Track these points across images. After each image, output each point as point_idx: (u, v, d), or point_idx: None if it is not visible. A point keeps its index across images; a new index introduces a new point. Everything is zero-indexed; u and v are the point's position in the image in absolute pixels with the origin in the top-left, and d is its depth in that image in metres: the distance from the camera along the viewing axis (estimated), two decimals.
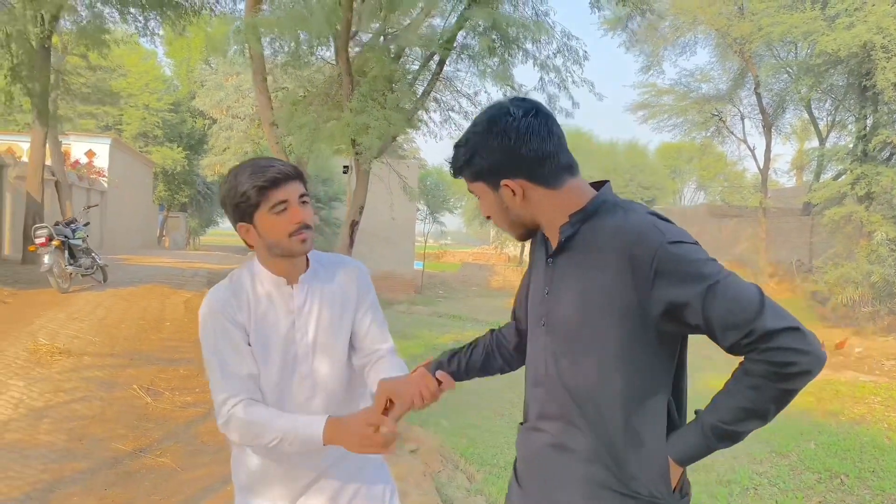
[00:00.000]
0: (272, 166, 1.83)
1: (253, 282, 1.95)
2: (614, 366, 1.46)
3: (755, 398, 1.38)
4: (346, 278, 2.04)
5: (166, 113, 33.37)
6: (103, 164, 24.35)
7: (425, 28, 8.28)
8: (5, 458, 4.58)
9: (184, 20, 13.77)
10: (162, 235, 35.74)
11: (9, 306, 8.75)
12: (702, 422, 1.45)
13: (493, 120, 1.51)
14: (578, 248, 1.51)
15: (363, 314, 2.06)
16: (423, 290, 27.44)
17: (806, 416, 9.79)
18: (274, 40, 9.23)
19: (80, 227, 10.93)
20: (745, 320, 1.34)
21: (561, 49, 8.10)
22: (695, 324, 1.40)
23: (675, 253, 1.39)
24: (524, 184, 1.51)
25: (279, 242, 1.85)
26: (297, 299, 1.95)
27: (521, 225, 1.59)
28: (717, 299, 1.36)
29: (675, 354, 1.51)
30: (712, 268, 1.40)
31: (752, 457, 7.90)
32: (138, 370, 6.74)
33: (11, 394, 5.72)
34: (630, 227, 1.44)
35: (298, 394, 1.96)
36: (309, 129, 7.87)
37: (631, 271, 1.41)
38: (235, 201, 1.83)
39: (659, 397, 1.49)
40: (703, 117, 25.16)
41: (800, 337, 1.34)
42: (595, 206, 1.52)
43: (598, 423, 1.48)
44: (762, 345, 1.34)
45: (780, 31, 18.05)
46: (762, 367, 1.35)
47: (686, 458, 1.47)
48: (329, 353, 1.99)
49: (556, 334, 1.55)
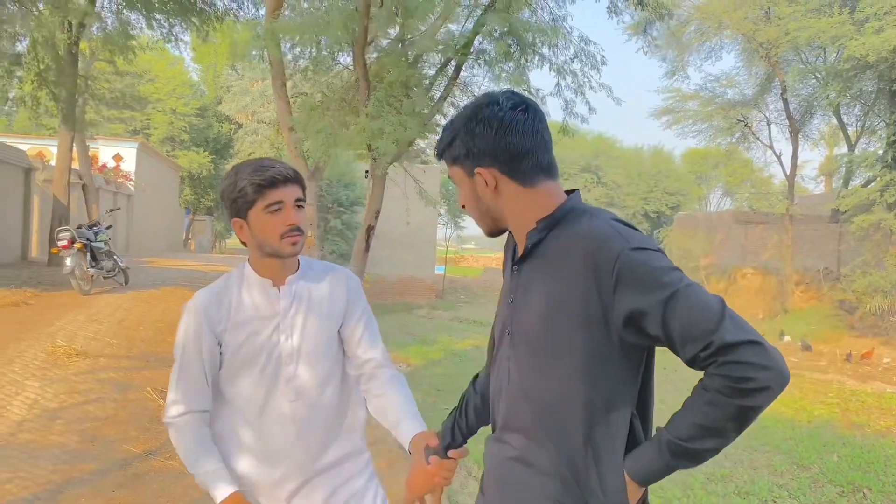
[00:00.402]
0: (273, 167, 1.86)
1: (240, 284, 1.97)
2: (577, 377, 1.42)
3: (711, 415, 1.32)
4: (335, 285, 2.05)
5: (193, 118, 33.85)
6: (130, 167, 24.72)
7: (442, 33, 8.28)
8: (17, 458, 4.64)
9: (207, 26, 13.96)
10: (188, 239, 36.17)
11: (31, 308, 8.89)
12: (659, 438, 1.40)
13: (479, 107, 1.50)
14: (543, 255, 1.48)
15: (354, 322, 2.06)
16: (445, 295, 27.44)
17: (829, 427, 9.60)
18: (294, 46, 9.32)
19: (102, 230, 11.07)
20: (703, 332, 1.29)
21: (578, 54, 8.05)
22: (654, 334, 1.35)
23: (637, 259, 1.35)
24: (497, 175, 1.49)
25: (269, 242, 1.87)
26: (283, 301, 1.95)
27: (490, 218, 1.57)
28: (677, 309, 1.31)
29: (639, 367, 1.47)
30: (674, 276, 1.34)
31: (772, 468, 7.76)
32: (153, 372, 6.79)
33: (27, 394, 5.79)
34: (593, 233, 1.40)
35: (282, 398, 1.96)
36: (325, 133, 7.90)
37: (594, 278, 1.37)
38: (233, 196, 1.87)
39: (622, 411, 1.44)
40: (729, 123, 24.89)
41: (760, 351, 1.28)
42: (563, 212, 1.49)
43: (560, 436, 1.45)
44: (720, 358, 1.28)
45: (808, 35, 17.81)
46: (719, 382, 1.29)
47: (642, 475, 1.41)
48: (314, 358, 1.98)
49: (518, 344, 1.52)
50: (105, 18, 14.17)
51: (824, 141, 31.41)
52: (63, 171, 14.46)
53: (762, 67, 23.24)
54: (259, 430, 1.97)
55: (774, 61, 21.49)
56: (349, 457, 2.07)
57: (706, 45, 23.85)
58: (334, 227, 21.20)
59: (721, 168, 35.35)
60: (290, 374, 1.95)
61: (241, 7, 14.34)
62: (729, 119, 24.83)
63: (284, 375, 1.95)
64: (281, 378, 1.95)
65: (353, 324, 2.06)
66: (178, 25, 14.77)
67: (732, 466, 7.77)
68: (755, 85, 24.47)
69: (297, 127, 8.61)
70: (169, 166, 30.56)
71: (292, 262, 1.97)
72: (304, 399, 1.97)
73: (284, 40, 8.62)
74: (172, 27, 14.82)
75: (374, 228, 8.69)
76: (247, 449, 1.98)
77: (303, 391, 1.97)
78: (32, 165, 15.89)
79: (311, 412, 1.98)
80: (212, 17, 14.02)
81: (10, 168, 14.71)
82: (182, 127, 33.09)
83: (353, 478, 2.06)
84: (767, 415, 9.79)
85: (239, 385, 1.96)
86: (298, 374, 1.96)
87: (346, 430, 2.07)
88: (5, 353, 6.76)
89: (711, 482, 7.23)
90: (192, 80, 37.86)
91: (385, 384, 2.04)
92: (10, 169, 14.65)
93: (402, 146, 8.00)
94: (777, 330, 19.26)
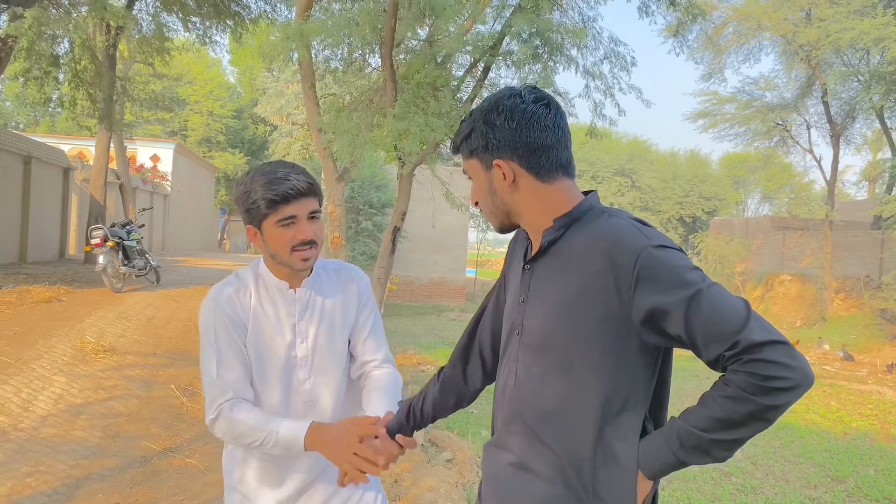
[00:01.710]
0: (287, 180, 1.82)
1: (257, 283, 1.97)
2: (592, 378, 1.39)
3: (730, 409, 1.28)
4: (348, 285, 2.05)
5: (229, 119, 34.37)
6: (167, 168, 25.17)
7: (471, 34, 8.23)
8: (39, 452, 4.70)
9: (241, 28, 14.13)
10: (223, 239, 36.69)
11: (63, 304, 9.06)
12: (670, 428, 1.36)
13: (500, 98, 1.48)
14: (559, 254, 1.45)
15: (362, 323, 2.06)
16: (475, 298, 27.37)
17: (867, 439, 9.32)
18: (324, 47, 9.36)
19: (134, 229, 11.25)
20: (729, 332, 1.26)
21: (608, 55, 7.94)
22: (675, 334, 1.31)
23: (659, 257, 1.32)
24: (516, 168, 1.47)
25: (280, 254, 1.87)
26: (300, 304, 1.96)
27: (504, 214, 1.53)
28: (700, 308, 1.28)
29: (654, 369, 1.43)
30: (697, 275, 1.31)
31: (805, 481, 7.55)
32: (178, 370, 6.85)
33: (53, 389, 5.88)
34: (612, 231, 1.38)
35: (297, 398, 1.96)
36: (352, 134, 7.91)
37: (612, 276, 1.34)
38: (246, 206, 1.86)
39: (635, 413, 1.41)
40: (767, 126, 24.41)
41: (787, 351, 1.25)
42: (581, 211, 1.46)
43: (568, 438, 1.41)
44: (746, 356, 1.25)
45: (850, 37, 17.38)
46: (743, 379, 1.26)
47: (649, 466, 1.37)
48: (329, 360, 1.99)
49: (529, 345, 1.48)
50: (142, 21, 14.43)
51: (867, 145, 30.61)
52: (100, 170, 14.76)
53: (802, 70, 22.73)
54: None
55: (815, 64, 20.99)
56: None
57: (744, 48, 23.41)
58: (365, 228, 21.30)
59: (759, 172, 34.68)
60: (303, 377, 1.96)
61: (275, 9, 14.50)
62: (767, 123, 24.35)
63: (298, 378, 1.95)
64: (294, 381, 1.95)
65: (359, 326, 2.06)
66: (214, 28, 14.99)
67: (763, 478, 7.58)
68: (795, 88, 23.94)
69: (325, 128, 8.64)
70: (205, 167, 31.05)
71: (306, 270, 1.97)
72: (320, 400, 1.98)
73: (314, 42, 8.66)
74: (208, 30, 15.04)
75: (400, 230, 8.67)
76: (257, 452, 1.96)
77: (318, 392, 1.97)
78: (71, 165, 16.25)
79: (326, 413, 1.98)
80: (245, 19, 14.20)
81: (50, 168, 15.07)
82: (218, 128, 33.62)
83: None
84: (801, 425, 9.52)
85: (256, 387, 1.95)
86: (314, 375, 1.97)
87: None
88: (35, 349, 6.88)
89: (741, 493, 7.06)
90: (229, 83, 38.48)
91: (378, 378, 2.02)
92: (49, 168, 15.01)
93: (427, 147, 7.98)
94: (816, 338, 18.82)
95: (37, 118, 33.53)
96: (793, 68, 23.33)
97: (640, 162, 39.30)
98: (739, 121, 25.56)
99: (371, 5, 8.09)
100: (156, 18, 14.43)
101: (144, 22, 14.60)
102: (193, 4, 13.81)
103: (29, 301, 8.91)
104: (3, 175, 12.84)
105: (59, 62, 12.91)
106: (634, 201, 38.20)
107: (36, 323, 7.88)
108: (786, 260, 25.66)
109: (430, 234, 22.40)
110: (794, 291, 24.09)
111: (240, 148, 35.00)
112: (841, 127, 22.95)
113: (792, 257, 25.38)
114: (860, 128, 25.18)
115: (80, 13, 12.28)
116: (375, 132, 7.97)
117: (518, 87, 1.50)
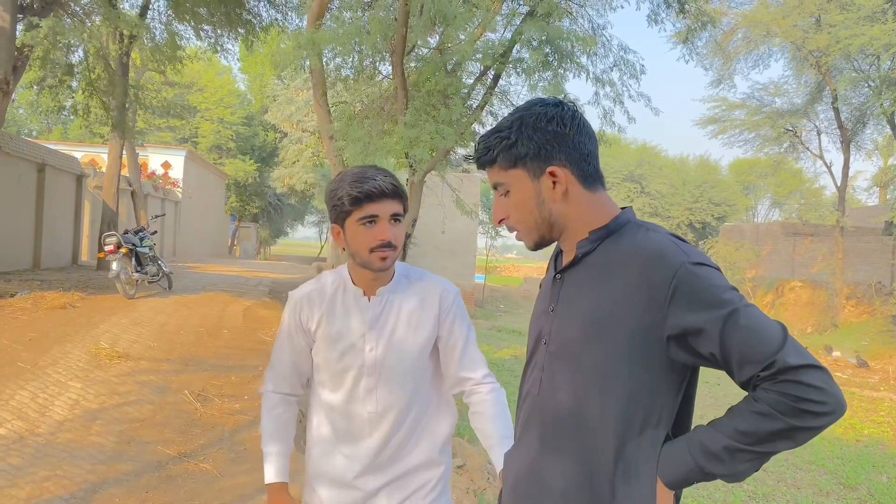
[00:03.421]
0: (373, 179, 1.87)
1: (335, 286, 2.01)
2: (616, 392, 1.37)
3: (759, 425, 1.26)
4: (428, 298, 2.03)
5: (239, 126, 34.57)
6: (178, 175, 25.34)
7: (481, 42, 8.29)
8: (57, 457, 4.76)
9: (252, 36, 14.25)
10: (233, 245, 36.85)
11: (77, 310, 9.14)
12: (692, 436, 1.35)
13: (545, 107, 1.46)
14: (593, 266, 1.44)
15: (449, 339, 2.04)
16: (484, 304, 27.38)
17: (879, 447, 9.28)
18: (335, 55, 9.44)
19: (147, 236, 11.34)
20: (765, 353, 1.24)
21: (618, 63, 7.98)
22: (708, 353, 1.30)
23: (697, 274, 1.31)
24: (569, 176, 1.44)
25: (360, 253, 1.90)
26: (372, 311, 1.97)
27: (548, 226, 1.48)
28: (737, 328, 1.26)
29: (680, 387, 1.41)
30: (734, 295, 1.30)
31: (817, 488, 7.53)
32: (192, 376, 6.90)
33: (69, 395, 5.94)
34: (650, 245, 1.37)
35: (362, 407, 1.98)
36: (363, 142, 7.97)
37: (647, 291, 1.33)
38: (333, 203, 1.91)
39: (658, 431, 1.39)
40: (777, 132, 24.35)
41: (823, 377, 1.24)
42: (618, 224, 1.45)
43: (588, 452, 1.40)
44: (781, 377, 1.24)
45: (860, 43, 17.34)
46: (774, 398, 1.24)
47: (668, 474, 1.35)
48: (399, 371, 1.98)
49: (555, 354, 1.47)
50: (155, 30, 14.59)
51: (878, 151, 30.44)
52: (113, 177, 14.90)
53: (812, 76, 22.69)
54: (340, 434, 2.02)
55: (825, 69, 20.94)
56: (422, 468, 2.06)
57: (753, 54, 23.39)
58: None
59: (769, 178, 34.55)
60: (370, 386, 1.97)
61: (287, 18, 14.63)
62: (777, 128, 24.29)
63: (364, 387, 1.97)
64: (360, 389, 1.97)
65: (449, 345, 2.03)
66: (226, 36, 15.14)
67: (775, 484, 7.56)
68: (804, 94, 23.90)
69: (336, 135, 8.71)
70: (215, 174, 31.23)
71: (386, 273, 1.98)
72: (385, 414, 1.98)
73: (325, 50, 8.74)
74: (219, 38, 15.19)
75: (410, 236, 8.72)
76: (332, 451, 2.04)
77: (383, 406, 1.98)
78: (84, 172, 16.39)
79: (390, 427, 1.99)
80: (256, 27, 14.33)
81: (63, 175, 15.20)
82: (229, 135, 33.82)
83: (421, 489, 2.05)
84: None
85: (325, 389, 2.03)
86: (380, 385, 1.98)
87: (425, 442, 2.06)
88: (50, 354, 6.95)
89: (753, 500, 7.05)
90: (240, 90, 38.72)
91: (482, 402, 2.02)
92: (63, 176, 15.15)
93: (438, 154, 8.03)
94: (826, 344, 18.72)
95: (49, 125, 33.85)
96: (802, 74, 23.29)
97: (649, 168, 39.25)
98: (749, 126, 25.53)
99: (382, 14, 8.17)
100: (168, 27, 14.60)
101: (157, 30, 14.76)
102: (205, 13, 13.95)
103: (44, 307, 9.00)
104: (18, 182, 12.97)
105: (74, 71, 13.06)
106: (644, 207, 38.14)
107: (51, 329, 7.96)
108: (796, 266, 25.55)
109: (439, 240, 22.44)
110: (804, 298, 23.98)
111: (250, 155, 35.18)
112: (851, 132, 22.88)
113: (802, 263, 25.26)
114: (871, 133, 25.12)
115: (94, 22, 12.44)
116: (386, 139, 8.03)
117: (551, 100, 1.49)
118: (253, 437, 5.43)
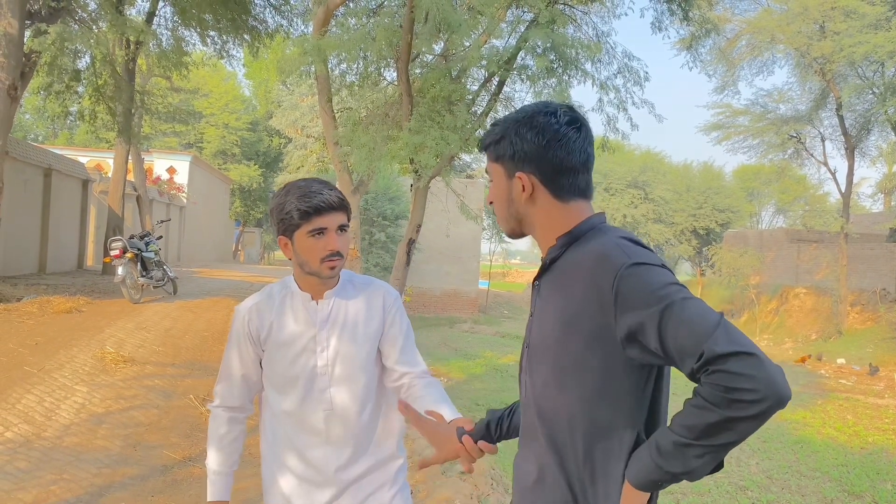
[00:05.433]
0: (320, 194, 1.94)
1: (283, 296, 2.07)
2: (582, 393, 1.41)
3: (697, 418, 1.24)
4: (373, 300, 2.11)
5: (244, 132, 34.69)
6: (183, 180, 25.44)
7: (486, 49, 8.32)
8: (63, 461, 4.78)
9: (257, 42, 14.33)
10: (237, 250, 36.94)
11: (83, 315, 9.18)
12: (655, 433, 1.36)
13: (536, 113, 1.51)
14: (560, 271, 1.49)
15: (392, 338, 2.12)
16: (488, 310, 27.37)
17: (884, 454, 9.25)
18: (341, 62, 9.49)
19: (152, 241, 11.38)
20: (696, 343, 1.23)
21: (622, 70, 8.01)
22: (654, 349, 1.30)
23: (635, 273, 1.33)
24: (536, 184, 1.50)
25: (309, 263, 1.97)
26: (321, 312, 2.03)
27: (516, 221, 1.58)
28: (671, 321, 1.26)
29: (645, 387, 1.42)
30: (672, 290, 1.30)
31: (821, 496, 7.50)
32: (197, 380, 6.93)
33: (76, 399, 5.97)
34: (598, 249, 1.40)
35: (316, 409, 2.02)
36: (369, 148, 8.01)
37: (597, 294, 1.36)
38: (280, 217, 1.97)
39: (626, 432, 1.41)
40: (781, 139, 24.34)
41: (753, 362, 1.20)
42: (581, 230, 1.49)
43: (564, 452, 1.45)
44: (711, 367, 1.22)
45: (864, 50, 17.36)
46: (707, 390, 1.23)
47: (633, 474, 1.36)
48: (351, 369, 2.04)
49: (533, 358, 1.53)
50: (161, 36, 14.68)
51: (883, 157, 30.44)
52: (118, 182, 14.97)
53: (816, 82, 22.67)
54: (296, 442, 2.04)
55: (829, 76, 20.95)
56: (379, 465, 2.10)
57: (757, 60, 23.40)
58: (378, 239, 21.42)
59: (773, 185, 34.54)
60: (323, 386, 2.02)
61: (292, 24, 14.71)
62: (781, 135, 24.28)
63: (318, 387, 2.02)
64: (314, 390, 2.02)
65: (390, 340, 2.11)
66: (231, 42, 15.22)
67: (779, 492, 7.54)
68: (809, 100, 23.88)
69: (341, 141, 8.75)
70: (220, 179, 31.33)
71: (333, 280, 2.05)
72: (339, 413, 2.03)
73: (331, 56, 8.79)
74: (225, 44, 15.27)
75: (415, 242, 8.76)
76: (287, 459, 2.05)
77: (337, 405, 2.03)
78: (90, 177, 16.47)
79: (346, 427, 2.03)
80: (262, 34, 14.41)
81: (70, 179, 15.28)
82: (234, 141, 33.94)
83: (380, 488, 2.09)
84: (817, 439, 9.47)
85: (277, 395, 2.05)
86: (332, 386, 2.03)
87: (378, 440, 2.11)
88: (56, 358, 6.99)
89: None
90: (244, 96, 38.86)
91: (422, 387, 2.08)
92: (69, 180, 15.22)
93: (443, 160, 8.06)
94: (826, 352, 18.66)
95: (55, 130, 34.00)
96: (807, 81, 23.28)
97: (653, 174, 39.19)
98: (753, 133, 25.51)
99: (387, 21, 8.21)
100: (174, 33, 14.69)
101: (163, 36, 14.85)
102: (211, 19, 14.03)
103: (50, 311, 9.04)
104: (25, 187, 13.04)
105: (81, 76, 13.15)
106: (648, 213, 38.10)
107: (57, 333, 8.00)
108: (800, 273, 25.51)
109: (443, 246, 22.48)
110: (809, 304, 23.93)
111: (255, 160, 35.30)
112: (856, 139, 22.86)
113: (807, 270, 25.21)
114: (875, 140, 25.08)
115: (101, 28, 12.52)
116: (391, 145, 8.06)
117: (555, 105, 1.53)
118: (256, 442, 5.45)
